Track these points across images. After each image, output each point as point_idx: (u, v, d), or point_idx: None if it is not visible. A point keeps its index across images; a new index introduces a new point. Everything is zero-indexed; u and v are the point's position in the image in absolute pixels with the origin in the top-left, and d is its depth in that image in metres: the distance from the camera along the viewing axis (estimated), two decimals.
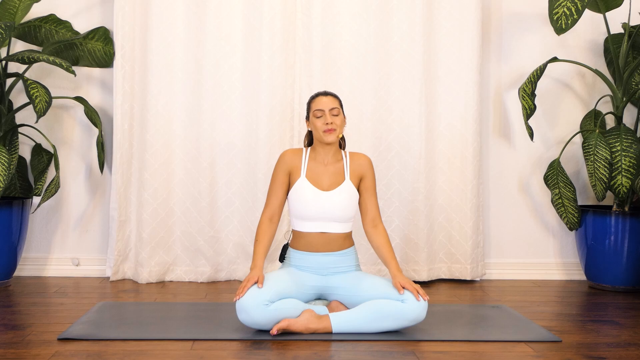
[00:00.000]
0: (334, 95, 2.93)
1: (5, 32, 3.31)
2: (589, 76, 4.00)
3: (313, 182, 2.90)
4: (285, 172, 2.93)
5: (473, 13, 3.80)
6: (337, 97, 2.94)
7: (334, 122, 2.85)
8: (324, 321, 2.69)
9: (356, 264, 2.94)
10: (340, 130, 2.89)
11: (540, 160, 4.01)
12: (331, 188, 2.89)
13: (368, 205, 2.94)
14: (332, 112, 2.87)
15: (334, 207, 2.86)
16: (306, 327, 2.67)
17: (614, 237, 3.65)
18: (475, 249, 3.85)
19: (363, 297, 2.76)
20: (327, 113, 2.86)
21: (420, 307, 2.70)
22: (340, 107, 2.92)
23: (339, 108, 2.89)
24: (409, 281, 2.74)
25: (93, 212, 3.90)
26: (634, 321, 3.04)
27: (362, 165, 2.93)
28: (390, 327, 2.71)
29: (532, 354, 2.50)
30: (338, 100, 2.93)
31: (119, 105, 3.72)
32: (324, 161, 2.93)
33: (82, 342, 2.56)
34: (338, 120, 2.88)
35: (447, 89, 3.84)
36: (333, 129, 2.85)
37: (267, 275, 2.78)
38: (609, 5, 3.73)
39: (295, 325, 2.66)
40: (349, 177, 2.91)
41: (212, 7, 3.74)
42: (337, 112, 2.88)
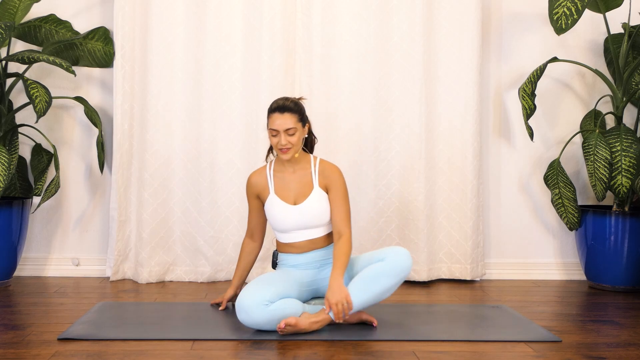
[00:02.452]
0: (290, 111, 2.82)
1: (5, 32, 3.31)
2: (589, 76, 4.00)
3: (282, 197, 2.92)
4: (253, 197, 3.01)
5: (473, 13, 3.80)
6: (294, 112, 2.83)
7: (289, 141, 2.82)
8: (322, 313, 2.71)
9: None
10: (297, 148, 2.85)
11: (540, 160, 4.01)
12: (301, 199, 2.90)
13: (334, 216, 2.88)
14: (287, 132, 2.81)
15: (308, 217, 2.89)
16: (309, 322, 2.67)
17: (614, 237, 3.65)
18: (475, 249, 3.85)
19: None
20: (281, 134, 2.82)
21: (400, 259, 2.71)
22: (299, 120, 2.84)
23: (294, 127, 2.81)
24: (339, 299, 2.64)
25: (93, 212, 3.90)
26: (634, 321, 3.04)
27: (327, 177, 2.89)
28: (385, 286, 2.72)
29: (532, 354, 2.50)
30: (296, 115, 2.83)
31: (119, 105, 3.72)
32: (291, 169, 2.93)
33: (82, 342, 2.56)
34: (294, 139, 2.82)
35: (447, 89, 3.84)
36: (287, 149, 2.84)
37: (265, 276, 2.79)
38: (609, 5, 3.73)
39: (300, 324, 2.65)
40: (318, 184, 2.90)
41: (212, 7, 3.74)
42: (293, 131, 2.81)
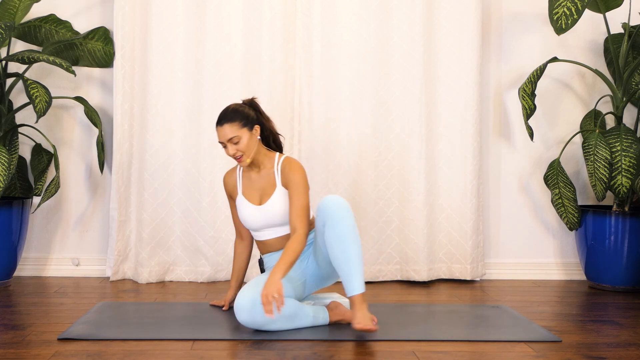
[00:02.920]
0: (229, 120, 2.82)
1: (5, 32, 3.31)
2: (589, 76, 4.00)
3: (249, 198, 2.95)
4: (228, 196, 3.07)
5: (473, 13, 3.80)
6: (233, 120, 2.82)
7: (237, 150, 2.83)
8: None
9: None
10: (249, 152, 2.85)
11: (540, 160, 4.01)
12: (265, 199, 2.91)
13: (290, 212, 2.85)
14: (232, 141, 2.83)
15: (272, 217, 2.90)
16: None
17: (614, 237, 3.65)
18: (475, 249, 3.85)
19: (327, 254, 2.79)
20: (228, 145, 2.84)
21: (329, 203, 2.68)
22: (242, 126, 2.83)
23: (237, 135, 2.81)
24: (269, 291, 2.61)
25: (93, 212, 3.90)
26: (634, 321, 3.04)
27: (287, 174, 2.87)
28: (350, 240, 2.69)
29: (532, 354, 2.50)
30: (236, 122, 2.82)
31: (119, 105, 3.72)
32: (257, 170, 2.95)
33: (82, 342, 2.56)
34: (242, 146, 2.83)
35: (447, 89, 3.84)
36: (240, 157, 2.86)
37: (261, 277, 2.79)
38: (609, 5, 3.73)
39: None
40: (280, 183, 2.90)
41: (212, 7, 3.74)
42: (237, 139, 2.82)
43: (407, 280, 3.81)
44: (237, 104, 2.92)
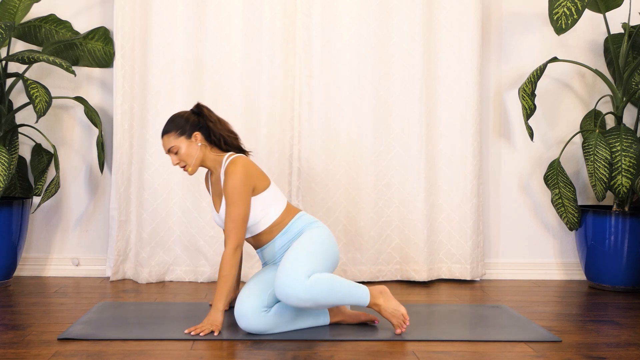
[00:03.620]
0: (166, 132, 2.82)
1: (5, 32, 3.31)
2: (589, 76, 4.00)
3: (214, 203, 2.94)
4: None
5: (473, 13, 3.81)
6: (170, 131, 2.81)
7: (180, 160, 2.83)
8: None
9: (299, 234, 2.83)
10: (190, 160, 2.82)
11: (540, 160, 4.01)
12: (219, 206, 2.89)
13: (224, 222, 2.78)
14: (171, 151, 2.83)
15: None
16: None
17: (614, 237, 3.65)
18: (475, 249, 3.85)
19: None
20: (170, 155, 2.86)
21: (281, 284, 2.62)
22: (179, 135, 2.80)
23: (175, 145, 2.81)
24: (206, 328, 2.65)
25: (93, 212, 3.90)
26: (634, 321, 3.04)
27: (225, 180, 2.76)
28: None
29: (532, 354, 2.51)
30: (172, 132, 2.81)
31: (119, 105, 3.72)
32: (214, 176, 2.92)
33: (82, 342, 2.56)
34: (182, 155, 2.81)
35: (447, 89, 3.84)
36: (183, 167, 2.85)
37: (257, 278, 2.77)
38: (609, 5, 3.73)
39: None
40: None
41: (212, 7, 3.74)
42: (175, 149, 2.81)
43: (407, 280, 3.81)
44: (177, 113, 2.89)
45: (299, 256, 2.66)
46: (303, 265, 2.62)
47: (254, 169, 2.80)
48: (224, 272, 2.69)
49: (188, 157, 2.82)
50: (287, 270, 2.61)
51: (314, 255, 2.69)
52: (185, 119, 2.84)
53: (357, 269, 3.80)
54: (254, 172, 2.80)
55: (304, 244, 2.73)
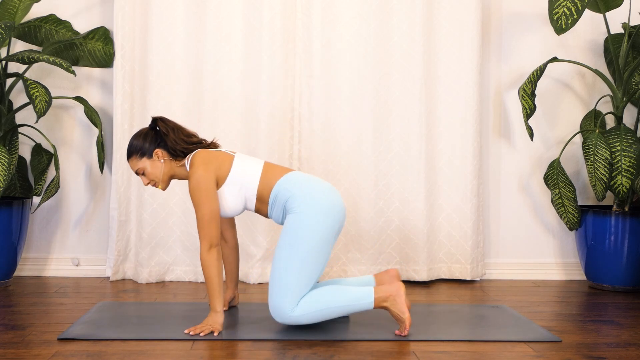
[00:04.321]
0: (129, 155, 2.84)
1: (5, 32, 3.31)
2: (589, 76, 4.00)
3: None
4: None
5: (473, 13, 3.81)
6: (132, 154, 2.83)
7: (149, 180, 2.85)
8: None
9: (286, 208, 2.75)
10: (157, 178, 2.83)
11: (540, 160, 4.01)
12: None
13: None
14: (139, 172, 2.85)
15: (232, 213, 2.85)
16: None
17: (614, 237, 3.65)
18: (475, 249, 3.85)
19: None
20: (139, 176, 2.89)
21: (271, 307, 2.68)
22: (140, 157, 2.81)
23: (140, 167, 2.82)
24: (205, 329, 2.65)
25: (93, 212, 3.90)
26: (634, 321, 3.04)
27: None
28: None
29: (532, 354, 2.51)
30: (134, 155, 2.82)
31: (119, 105, 3.72)
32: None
33: (82, 342, 2.56)
34: (150, 175, 2.83)
35: (447, 89, 3.84)
36: (154, 186, 2.87)
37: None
38: (609, 5, 3.73)
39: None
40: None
41: (212, 7, 3.74)
42: (141, 170, 2.83)
43: (407, 280, 3.81)
44: (136, 134, 2.87)
45: (283, 277, 2.64)
46: (287, 292, 2.63)
47: (212, 162, 2.75)
48: (207, 274, 2.69)
49: (154, 175, 2.84)
50: (273, 298, 2.66)
51: (296, 265, 2.64)
52: (142, 138, 2.84)
53: (357, 269, 3.81)
54: (213, 165, 2.74)
55: (285, 251, 2.67)
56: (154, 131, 2.86)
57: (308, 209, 2.69)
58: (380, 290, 2.70)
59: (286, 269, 2.65)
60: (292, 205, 2.71)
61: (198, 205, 2.70)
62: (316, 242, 2.68)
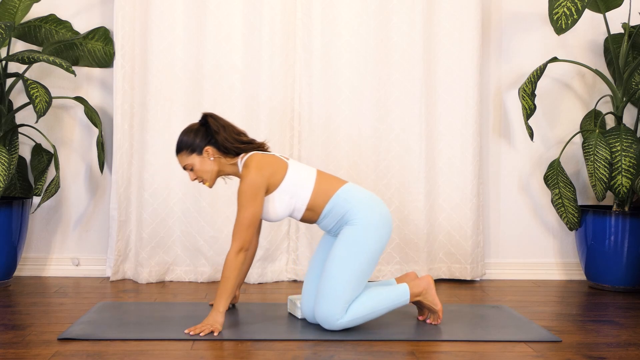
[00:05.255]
0: (179, 151, 2.83)
1: (5, 32, 3.31)
2: (589, 76, 4.00)
3: None
4: None
5: (473, 13, 3.81)
6: (181, 150, 2.83)
7: (197, 176, 2.84)
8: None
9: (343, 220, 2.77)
10: (205, 175, 2.83)
11: (540, 160, 4.01)
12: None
13: None
14: (187, 168, 2.85)
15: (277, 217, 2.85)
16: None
17: (614, 237, 3.65)
18: (475, 249, 3.85)
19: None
20: (187, 172, 2.88)
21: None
22: (189, 153, 2.81)
23: (189, 163, 2.82)
24: (205, 328, 2.65)
25: (93, 212, 3.90)
26: (634, 321, 3.04)
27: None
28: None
29: (532, 354, 2.51)
30: (183, 151, 2.82)
31: (119, 105, 3.72)
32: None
33: (82, 342, 2.56)
34: (198, 172, 2.83)
35: (447, 89, 3.84)
36: (201, 182, 2.86)
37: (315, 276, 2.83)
38: (609, 5, 3.73)
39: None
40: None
41: (212, 7, 3.74)
42: (190, 166, 2.83)
43: None
44: (186, 129, 2.87)
45: (337, 288, 2.67)
46: (339, 302, 2.67)
47: (267, 168, 2.75)
48: (226, 274, 2.69)
49: (203, 173, 2.83)
50: (323, 306, 2.68)
51: (352, 277, 2.69)
52: (193, 134, 2.83)
53: None
54: (267, 171, 2.74)
55: (341, 261, 2.70)
56: (204, 127, 2.85)
57: (367, 222, 2.74)
58: (414, 285, 2.83)
59: (341, 280, 2.68)
60: (351, 218, 2.75)
61: (242, 207, 2.69)
62: (372, 254, 2.74)
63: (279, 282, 3.79)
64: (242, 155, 2.83)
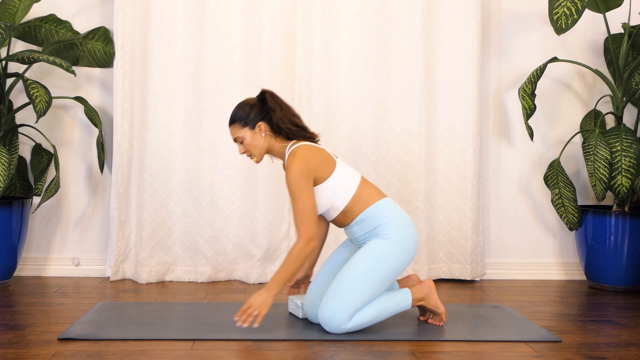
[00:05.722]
0: (232, 122, 2.82)
1: (5, 32, 3.31)
2: (589, 76, 4.00)
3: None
4: None
5: (473, 13, 3.81)
6: (235, 121, 2.81)
7: (245, 150, 2.83)
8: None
9: (375, 231, 2.77)
10: (254, 150, 2.82)
11: (540, 160, 4.01)
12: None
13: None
14: (237, 140, 2.84)
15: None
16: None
17: (614, 237, 3.65)
18: (475, 249, 3.85)
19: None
20: (237, 144, 2.88)
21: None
22: (242, 126, 2.80)
23: (240, 136, 2.81)
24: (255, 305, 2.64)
25: (93, 212, 3.90)
26: (634, 321, 3.04)
27: (285, 173, 2.74)
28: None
29: (532, 354, 2.51)
30: (237, 123, 2.81)
31: (119, 105, 3.72)
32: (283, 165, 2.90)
33: (82, 342, 2.56)
34: (248, 145, 2.82)
35: (447, 89, 3.84)
36: (249, 156, 2.86)
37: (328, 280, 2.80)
38: (609, 5, 3.73)
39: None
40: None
41: (212, 7, 3.74)
42: (240, 139, 2.82)
43: None
44: (242, 102, 2.86)
45: (351, 295, 2.67)
46: (349, 308, 2.66)
47: (314, 159, 2.74)
48: (290, 262, 2.65)
49: (252, 147, 2.82)
50: (330, 309, 2.66)
51: (367, 287, 2.69)
52: (249, 108, 2.82)
53: None
54: (314, 163, 2.73)
55: (363, 269, 2.70)
56: (261, 103, 2.84)
57: (398, 241, 2.75)
58: (416, 291, 2.83)
59: (356, 288, 2.68)
60: (383, 232, 2.75)
61: (296, 197, 2.67)
62: (392, 271, 2.75)
63: None
64: (292, 144, 2.81)
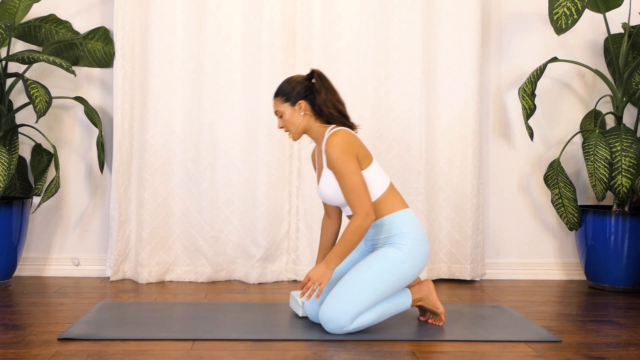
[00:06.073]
0: (276, 95, 2.84)
1: (5, 32, 3.31)
2: (589, 76, 4.00)
3: (317, 175, 2.91)
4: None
5: (473, 13, 3.81)
6: (278, 95, 2.83)
7: (283, 125, 2.84)
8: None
9: (391, 239, 2.77)
10: (291, 127, 2.82)
11: (540, 160, 4.01)
12: (319, 179, 2.87)
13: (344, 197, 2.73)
14: (277, 114, 2.85)
15: (326, 198, 2.83)
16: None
17: (614, 237, 3.65)
18: (475, 249, 3.85)
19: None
20: (277, 117, 2.88)
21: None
22: (284, 101, 2.80)
23: (280, 110, 2.82)
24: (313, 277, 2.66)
25: (93, 212, 3.90)
26: (634, 321, 3.04)
27: (327, 158, 2.73)
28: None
29: (532, 354, 2.51)
30: (279, 97, 2.82)
31: (119, 105, 3.72)
32: (319, 148, 2.87)
33: (82, 342, 2.56)
34: (286, 121, 2.82)
35: (447, 89, 3.84)
36: (286, 132, 2.86)
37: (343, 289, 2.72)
38: (609, 5, 3.73)
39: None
40: (325, 164, 2.79)
41: (212, 7, 3.74)
42: (279, 113, 2.83)
43: None
44: (291, 77, 2.87)
45: (358, 298, 2.66)
46: (355, 310, 2.66)
47: (356, 142, 2.74)
48: (347, 236, 2.66)
49: (290, 124, 2.82)
50: (335, 310, 2.65)
51: (374, 291, 2.68)
52: (295, 84, 2.83)
53: None
54: (356, 145, 2.73)
55: (373, 273, 2.69)
56: (308, 82, 2.84)
57: (411, 252, 2.75)
58: (415, 292, 2.84)
59: (363, 292, 2.67)
60: (399, 242, 2.75)
61: (345, 173, 2.67)
62: (400, 281, 2.75)
63: (279, 282, 3.79)
64: (332, 127, 2.79)
